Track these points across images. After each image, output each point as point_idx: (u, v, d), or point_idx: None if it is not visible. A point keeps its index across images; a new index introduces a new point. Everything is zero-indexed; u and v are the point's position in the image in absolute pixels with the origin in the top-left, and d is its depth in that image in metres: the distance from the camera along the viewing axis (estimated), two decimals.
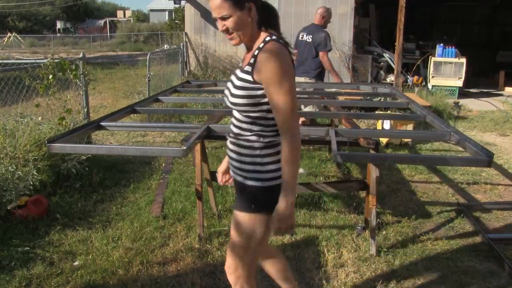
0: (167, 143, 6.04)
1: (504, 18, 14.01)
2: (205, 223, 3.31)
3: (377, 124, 6.25)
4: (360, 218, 3.55)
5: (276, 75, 1.66)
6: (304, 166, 4.86)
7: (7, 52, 19.42)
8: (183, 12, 14.12)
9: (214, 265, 2.88)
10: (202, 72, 11.06)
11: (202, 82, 5.66)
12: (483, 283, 2.73)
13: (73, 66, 4.80)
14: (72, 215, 3.60)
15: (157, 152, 3.15)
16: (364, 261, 2.94)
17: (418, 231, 3.41)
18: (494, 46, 13.69)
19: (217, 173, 2.23)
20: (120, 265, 2.84)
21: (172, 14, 29.24)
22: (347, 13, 10.07)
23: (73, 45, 29.60)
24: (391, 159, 3.77)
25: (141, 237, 3.22)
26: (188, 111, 5.92)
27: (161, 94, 4.39)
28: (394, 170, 4.87)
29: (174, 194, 4.02)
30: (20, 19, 38.75)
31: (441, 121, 3.23)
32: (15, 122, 4.49)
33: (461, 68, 9.38)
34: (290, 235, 3.25)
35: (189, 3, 11.05)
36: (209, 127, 3.03)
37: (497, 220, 3.65)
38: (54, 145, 2.56)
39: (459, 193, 4.25)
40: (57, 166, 4.09)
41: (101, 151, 3.88)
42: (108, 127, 3.22)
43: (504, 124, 7.26)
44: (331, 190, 3.46)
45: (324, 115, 5.70)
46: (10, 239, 3.17)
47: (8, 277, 2.72)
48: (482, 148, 2.49)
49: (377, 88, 4.92)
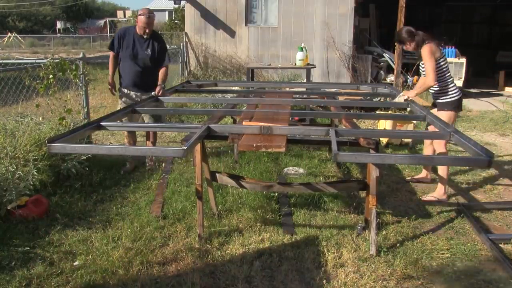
0: (167, 143, 6.04)
1: (504, 18, 14.01)
2: (205, 223, 3.30)
3: (377, 124, 6.26)
4: (360, 218, 3.55)
5: None
6: (304, 166, 4.86)
7: (7, 52, 19.41)
8: (183, 12, 14.11)
9: (214, 265, 2.88)
10: (202, 72, 11.07)
11: (202, 82, 5.67)
12: (483, 283, 2.73)
13: (73, 66, 4.80)
14: (72, 215, 3.60)
15: (157, 152, 3.15)
16: (364, 261, 2.94)
17: (418, 231, 3.41)
18: (494, 46, 13.68)
19: None
20: (120, 265, 2.83)
21: (172, 14, 29.21)
22: (347, 13, 10.08)
23: (73, 45, 29.60)
24: (391, 159, 3.77)
25: (141, 237, 3.22)
26: (188, 111, 5.93)
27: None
28: (394, 170, 4.87)
29: (174, 194, 4.02)
30: (20, 19, 38.76)
31: (441, 121, 3.23)
32: (15, 122, 4.49)
33: (461, 68, 9.38)
34: (290, 235, 3.26)
35: (189, 3, 11.06)
36: (209, 127, 3.04)
37: (497, 220, 3.65)
38: (54, 145, 2.56)
39: (459, 193, 4.25)
40: (57, 166, 4.09)
41: (101, 151, 3.87)
42: (108, 127, 3.22)
43: (504, 124, 7.26)
44: (331, 190, 3.46)
45: (324, 115, 5.71)
46: (10, 239, 3.17)
47: (8, 277, 2.72)
48: (482, 148, 2.50)
49: (377, 88, 4.93)
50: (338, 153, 2.51)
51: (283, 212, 3.66)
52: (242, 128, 3.09)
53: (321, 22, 10.25)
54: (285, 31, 10.59)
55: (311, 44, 10.00)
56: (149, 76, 4.54)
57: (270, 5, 10.70)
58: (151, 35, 4.54)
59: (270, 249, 3.06)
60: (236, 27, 10.94)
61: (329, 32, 10.15)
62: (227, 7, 10.88)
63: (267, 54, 10.69)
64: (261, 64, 9.33)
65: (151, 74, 4.54)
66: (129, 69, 4.55)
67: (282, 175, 4.60)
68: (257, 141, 2.80)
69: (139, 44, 4.51)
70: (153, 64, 4.56)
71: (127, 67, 4.56)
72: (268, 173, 4.57)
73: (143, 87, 4.56)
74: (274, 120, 3.32)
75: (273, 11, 10.70)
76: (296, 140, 3.79)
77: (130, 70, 4.55)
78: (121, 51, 4.54)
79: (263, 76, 10.86)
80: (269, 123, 3.11)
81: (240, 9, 10.79)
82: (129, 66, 4.54)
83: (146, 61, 4.52)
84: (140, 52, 4.50)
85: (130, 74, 4.56)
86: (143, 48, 4.51)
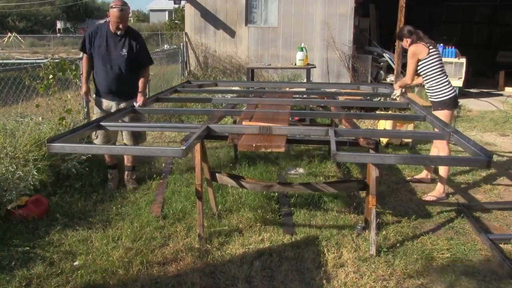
0: (167, 143, 6.04)
1: (504, 18, 14.01)
2: (205, 223, 3.30)
3: (377, 124, 6.26)
4: (360, 218, 3.55)
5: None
6: (304, 166, 4.86)
7: (7, 52, 19.40)
8: (183, 12, 14.12)
9: (214, 265, 2.88)
10: (202, 72, 11.07)
11: (202, 82, 5.67)
12: (483, 283, 2.73)
13: (73, 66, 4.80)
14: (72, 215, 3.60)
15: (156, 152, 3.15)
16: (364, 261, 2.94)
17: (418, 231, 3.41)
18: (494, 46, 13.68)
19: None
20: (120, 265, 2.83)
21: (172, 14, 29.22)
22: (347, 13, 10.08)
23: (73, 45, 29.50)
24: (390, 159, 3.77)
25: (141, 237, 3.22)
26: (188, 111, 5.93)
27: (161, 94, 4.40)
28: (394, 170, 4.87)
29: (174, 194, 4.02)
30: (20, 19, 38.75)
31: (441, 121, 3.23)
32: (15, 122, 4.49)
33: (461, 68, 9.37)
34: (290, 235, 3.26)
35: (189, 3, 11.06)
36: (208, 127, 3.04)
37: (497, 220, 3.65)
38: (54, 145, 2.56)
39: (459, 193, 4.25)
40: (57, 166, 4.09)
41: (101, 151, 3.88)
42: (108, 127, 3.23)
43: (504, 124, 7.26)
44: (331, 190, 3.46)
45: (324, 115, 5.71)
46: (10, 239, 3.17)
47: (8, 277, 2.72)
48: (481, 149, 2.50)
49: (377, 88, 4.93)
50: (337, 153, 2.52)
51: (283, 212, 3.66)
52: (241, 128, 3.09)
53: (321, 22, 10.25)
54: (285, 31, 10.59)
55: (311, 44, 10.00)
56: (127, 81, 3.94)
57: (270, 5, 10.70)
58: (127, 32, 3.92)
59: (270, 249, 3.06)
60: (236, 27, 10.94)
61: (329, 32, 10.15)
62: (227, 7, 10.88)
63: (267, 54, 10.69)
64: (261, 64, 9.33)
65: (129, 78, 3.95)
66: (102, 73, 3.94)
67: (282, 175, 4.60)
68: (256, 141, 2.80)
69: (113, 43, 3.89)
70: (131, 67, 3.94)
71: (100, 71, 3.95)
72: (268, 173, 4.58)
73: (120, 94, 3.96)
74: (274, 120, 3.32)
75: (273, 11, 10.70)
76: (296, 140, 3.79)
77: (103, 74, 3.93)
78: (93, 52, 3.94)
79: (263, 76, 10.86)
80: (269, 123, 3.12)
81: (240, 9, 10.79)
82: (102, 70, 3.93)
83: (122, 63, 3.90)
84: (114, 52, 3.89)
85: (104, 80, 3.95)
86: (118, 47, 3.89)
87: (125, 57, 3.89)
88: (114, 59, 3.89)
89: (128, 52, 3.90)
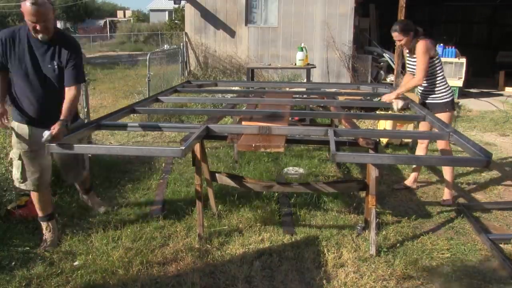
0: (167, 143, 6.04)
1: (504, 18, 14.00)
2: (205, 223, 3.31)
3: (377, 124, 6.25)
4: (360, 218, 3.55)
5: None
6: (304, 166, 4.86)
7: None
8: (183, 12, 14.12)
9: (214, 265, 2.88)
10: (202, 72, 11.07)
11: (202, 82, 5.67)
12: (483, 283, 2.73)
13: None
14: (72, 215, 3.60)
15: (156, 152, 3.15)
16: (364, 261, 2.94)
17: (418, 231, 3.41)
18: (494, 46, 13.67)
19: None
20: (120, 265, 2.84)
21: (172, 14, 29.22)
22: (347, 13, 10.08)
23: None
24: (389, 159, 3.77)
25: (141, 237, 3.22)
26: (188, 111, 5.93)
27: (161, 94, 4.40)
28: (394, 170, 4.87)
29: (174, 194, 4.02)
30: (20, 19, 38.69)
31: (440, 121, 3.23)
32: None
33: (461, 68, 9.37)
34: (290, 235, 3.26)
35: (189, 3, 11.06)
36: (208, 127, 3.03)
37: (497, 220, 3.65)
38: (53, 145, 2.56)
39: (459, 193, 4.25)
40: (57, 166, 4.08)
41: (101, 151, 3.88)
42: (108, 127, 3.22)
43: (504, 124, 7.25)
44: (331, 190, 3.46)
45: (324, 115, 5.71)
46: (10, 239, 3.17)
47: (8, 277, 2.72)
48: (481, 149, 2.49)
49: (377, 88, 4.93)
50: (336, 153, 2.52)
51: (283, 212, 3.66)
52: (241, 128, 3.09)
53: (321, 22, 10.25)
54: (285, 31, 10.59)
55: (311, 44, 10.00)
56: (58, 104, 2.84)
57: (270, 5, 10.70)
58: (57, 39, 2.89)
59: (270, 249, 3.06)
60: (236, 27, 10.94)
61: (329, 32, 10.15)
62: (227, 7, 10.89)
63: (267, 54, 10.69)
64: (261, 64, 9.33)
65: (61, 100, 2.86)
66: (23, 93, 2.91)
67: (282, 175, 4.60)
68: (256, 141, 2.80)
69: (38, 53, 2.86)
70: (62, 84, 2.92)
71: (19, 90, 2.92)
72: (268, 173, 4.58)
73: (47, 122, 2.71)
74: (274, 120, 3.31)
75: (273, 11, 10.70)
76: (296, 140, 3.79)
77: (25, 95, 2.91)
78: (9, 65, 2.86)
79: (263, 76, 10.86)
80: (268, 123, 3.12)
81: (240, 9, 10.79)
82: (22, 89, 2.91)
83: (51, 80, 2.91)
84: (41, 65, 2.88)
85: (25, 102, 2.93)
86: (46, 59, 2.87)
87: (56, 72, 2.89)
88: (39, 75, 2.89)
89: (59, 64, 2.90)
